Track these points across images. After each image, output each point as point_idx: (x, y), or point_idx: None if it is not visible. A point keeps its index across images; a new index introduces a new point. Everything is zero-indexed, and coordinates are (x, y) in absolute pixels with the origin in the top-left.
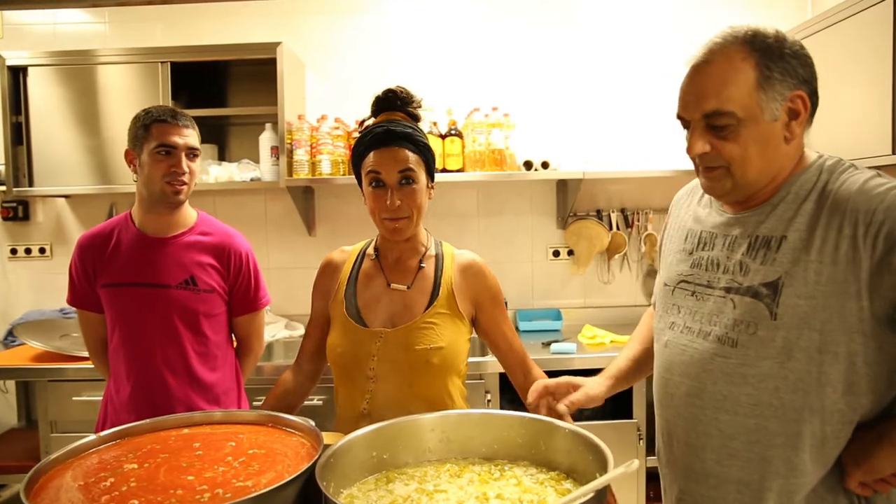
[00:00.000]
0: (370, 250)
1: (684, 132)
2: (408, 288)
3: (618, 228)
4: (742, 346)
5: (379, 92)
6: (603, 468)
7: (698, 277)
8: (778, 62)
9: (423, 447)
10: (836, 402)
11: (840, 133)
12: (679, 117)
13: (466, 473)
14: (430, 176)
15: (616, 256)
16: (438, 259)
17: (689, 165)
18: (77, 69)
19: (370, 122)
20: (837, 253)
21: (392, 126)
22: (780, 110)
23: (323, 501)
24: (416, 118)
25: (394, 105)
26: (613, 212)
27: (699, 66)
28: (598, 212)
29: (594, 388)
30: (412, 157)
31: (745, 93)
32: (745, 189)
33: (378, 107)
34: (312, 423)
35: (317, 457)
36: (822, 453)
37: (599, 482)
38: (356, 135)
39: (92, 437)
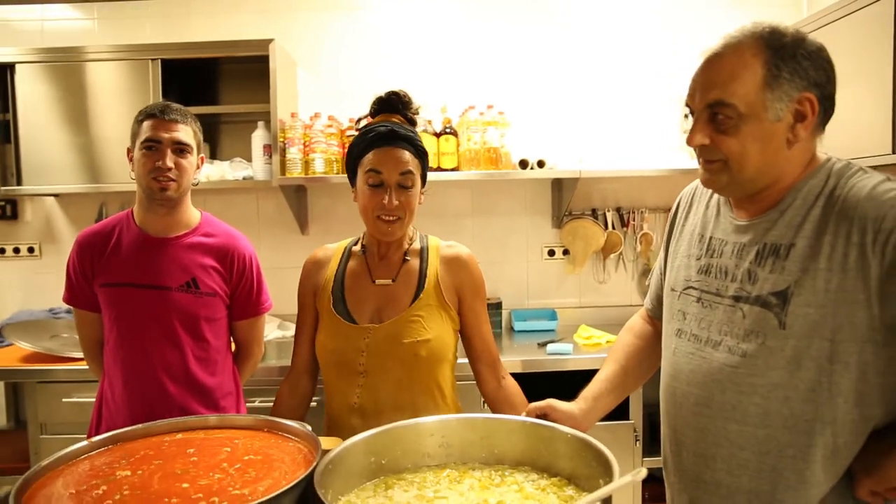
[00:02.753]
0: (356, 247)
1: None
2: (392, 282)
3: (613, 228)
4: (751, 356)
5: (381, 92)
6: (606, 474)
7: (706, 285)
8: (789, 62)
9: (422, 452)
10: (847, 413)
11: (838, 132)
12: (687, 106)
13: (467, 479)
14: (423, 181)
15: (612, 256)
16: (423, 252)
17: (685, 165)
18: (65, 66)
19: (365, 121)
20: (846, 261)
21: (396, 127)
22: (786, 111)
23: None
24: (413, 123)
25: (395, 107)
26: (609, 211)
27: (711, 58)
28: (594, 211)
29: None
30: (412, 160)
31: (750, 89)
32: (741, 186)
33: (378, 107)
34: (309, 427)
35: (315, 463)
36: (834, 464)
37: (605, 491)
38: (350, 133)
39: (83, 442)
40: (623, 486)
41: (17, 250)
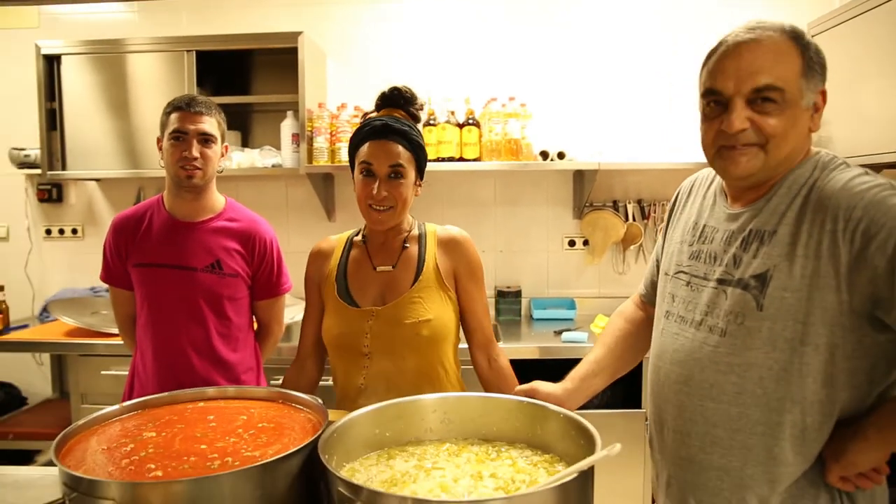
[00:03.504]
0: (358, 238)
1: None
2: (393, 268)
3: (634, 219)
4: (730, 336)
5: (385, 88)
6: (593, 451)
7: (695, 269)
8: (815, 56)
9: (424, 427)
10: (816, 393)
11: (864, 127)
12: (710, 92)
13: (465, 453)
14: (420, 174)
15: (631, 247)
16: (421, 238)
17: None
18: (108, 57)
19: (372, 115)
20: (820, 248)
21: (390, 121)
22: (812, 100)
23: (325, 473)
24: (417, 119)
25: (397, 102)
26: (630, 203)
27: (746, 44)
28: (615, 202)
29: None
30: (404, 154)
31: (793, 75)
32: (769, 170)
33: (382, 102)
34: (320, 400)
35: (320, 431)
36: (804, 445)
37: (583, 464)
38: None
39: (115, 406)
40: (600, 459)
41: (62, 231)
